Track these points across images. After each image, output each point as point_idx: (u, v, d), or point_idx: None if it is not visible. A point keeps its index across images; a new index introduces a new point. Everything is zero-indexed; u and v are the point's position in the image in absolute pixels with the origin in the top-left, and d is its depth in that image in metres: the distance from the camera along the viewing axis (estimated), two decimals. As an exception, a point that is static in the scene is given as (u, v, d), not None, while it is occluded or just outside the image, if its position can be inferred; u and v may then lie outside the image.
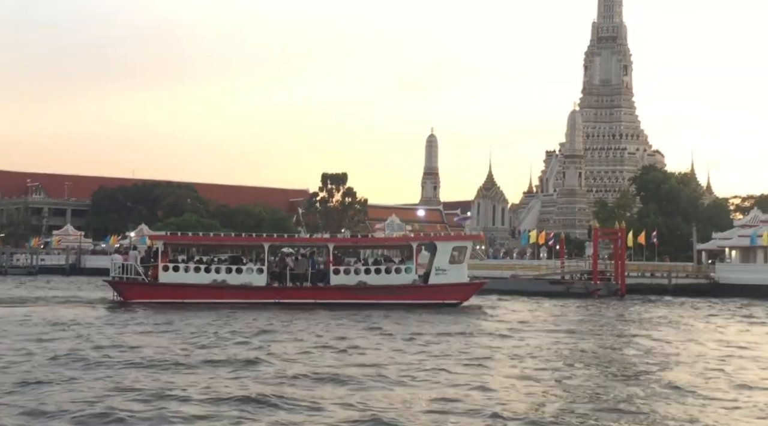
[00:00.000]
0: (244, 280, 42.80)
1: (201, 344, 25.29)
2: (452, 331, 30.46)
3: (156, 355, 22.33)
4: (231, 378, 18.89)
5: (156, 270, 42.80)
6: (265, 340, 26.49)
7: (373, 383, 18.39)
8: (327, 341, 26.46)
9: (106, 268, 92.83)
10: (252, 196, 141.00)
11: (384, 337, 28.47)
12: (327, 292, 42.91)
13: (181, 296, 41.48)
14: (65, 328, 29.44)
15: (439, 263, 43.68)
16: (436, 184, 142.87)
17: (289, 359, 22.14)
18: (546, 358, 23.32)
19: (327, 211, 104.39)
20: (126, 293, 42.54)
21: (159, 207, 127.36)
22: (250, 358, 21.90)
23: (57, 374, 19.07)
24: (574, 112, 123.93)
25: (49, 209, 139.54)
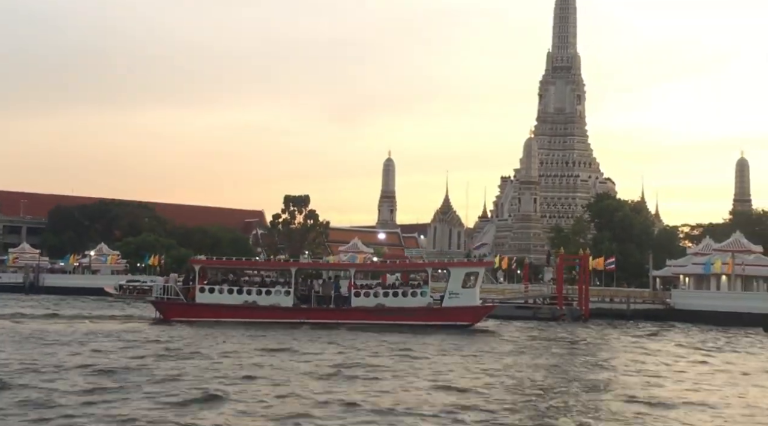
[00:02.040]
0: (273, 301, 46.49)
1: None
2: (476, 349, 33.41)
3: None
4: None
5: (193, 291, 46.51)
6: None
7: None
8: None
9: (66, 286, 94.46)
10: (207, 216, 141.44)
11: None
12: (348, 313, 46.06)
13: (215, 315, 44.83)
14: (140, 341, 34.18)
15: (452, 287, 46.77)
16: (393, 207, 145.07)
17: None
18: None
19: (289, 232, 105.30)
20: (167, 312, 46.51)
21: (116, 226, 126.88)
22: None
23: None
24: (530, 140, 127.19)
25: (4, 226, 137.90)
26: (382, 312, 45.89)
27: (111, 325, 43.37)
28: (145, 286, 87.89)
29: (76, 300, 77.13)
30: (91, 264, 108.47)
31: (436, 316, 45.99)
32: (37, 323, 43.12)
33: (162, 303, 47.25)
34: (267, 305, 46.26)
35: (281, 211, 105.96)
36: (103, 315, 51.99)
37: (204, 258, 55.11)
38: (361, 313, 45.80)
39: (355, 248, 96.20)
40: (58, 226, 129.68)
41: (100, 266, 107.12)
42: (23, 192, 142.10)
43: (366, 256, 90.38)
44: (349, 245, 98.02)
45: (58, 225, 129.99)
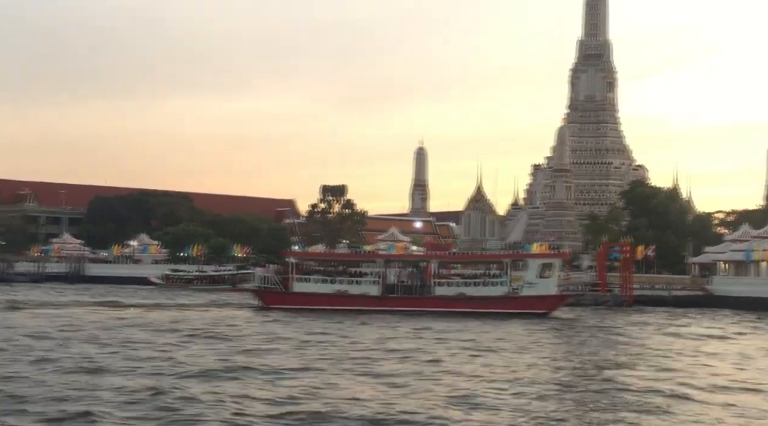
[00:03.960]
0: (362, 290, 50.41)
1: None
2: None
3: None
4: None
5: (289, 281, 50.77)
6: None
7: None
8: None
9: (109, 276, 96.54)
10: (240, 206, 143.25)
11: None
12: (431, 301, 49.08)
13: (310, 303, 48.76)
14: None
15: (529, 277, 49.66)
16: (425, 196, 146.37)
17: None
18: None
19: (326, 222, 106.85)
20: (266, 300, 51.07)
21: (153, 216, 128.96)
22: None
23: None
24: (562, 128, 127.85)
25: (46, 217, 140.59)
26: (462, 300, 48.86)
27: (227, 311, 48.33)
28: (189, 275, 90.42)
29: (138, 289, 79.22)
30: (134, 254, 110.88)
31: (514, 305, 48.55)
32: (159, 313, 46.35)
33: (262, 291, 52.17)
34: (357, 294, 50.03)
35: (318, 200, 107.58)
36: (200, 303, 56.31)
37: (298, 250, 59.20)
38: (444, 302, 48.77)
39: (392, 237, 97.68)
40: (98, 216, 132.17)
41: (142, 256, 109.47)
42: (63, 183, 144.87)
43: (404, 245, 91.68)
44: (387, 234, 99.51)
45: (97, 216, 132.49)
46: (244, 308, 51.02)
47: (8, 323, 37.12)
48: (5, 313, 43.61)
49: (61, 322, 38.38)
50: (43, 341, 29.90)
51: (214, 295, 66.71)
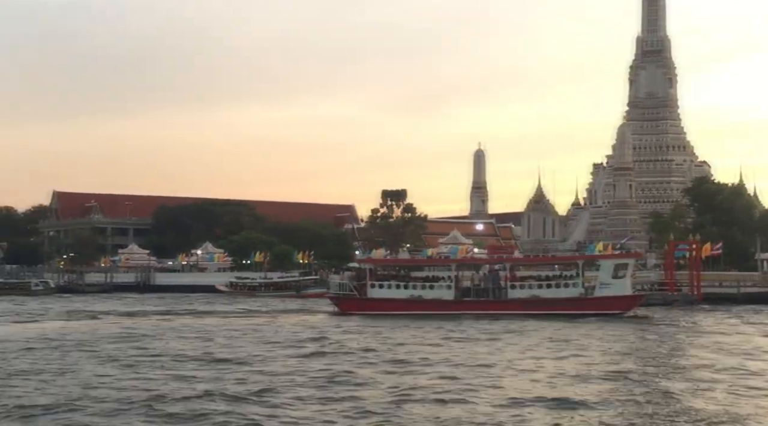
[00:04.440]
0: (436, 295, 50.70)
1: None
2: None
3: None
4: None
5: (365, 287, 51.68)
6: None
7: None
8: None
9: (176, 284, 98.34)
10: (300, 212, 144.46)
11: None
12: (505, 304, 49.29)
13: (385, 308, 49.32)
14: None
15: (603, 278, 49.68)
16: (485, 198, 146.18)
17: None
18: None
19: (387, 226, 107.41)
20: (343, 306, 52.03)
21: (217, 225, 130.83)
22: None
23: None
24: (623, 126, 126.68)
25: (112, 229, 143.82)
26: (537, 303, 48.90)
27: (309, 317, 50.13)
28: (254, 282, 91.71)
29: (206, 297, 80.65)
30: (199, 262, 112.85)
31: (589, 306, 48.39)
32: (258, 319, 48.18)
33: (339, 298, 53.10)
34: (431, 298, 50.32)
35: (379, 205, 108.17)
36: (286, 309, 58.45)
37: (373, 257, 60.07)
38: (518, 304, 48.88)
39: (455, 240, 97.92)
40: (162, 226, 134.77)
41: (207, 264, 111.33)
42: (128, 195, 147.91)
43: (467, 247, 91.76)
44: (449, 237, 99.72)
45: (162, 225, 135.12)
46: (321, 314, 52.12)
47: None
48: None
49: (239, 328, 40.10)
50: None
51: (294, 303, 67.89)
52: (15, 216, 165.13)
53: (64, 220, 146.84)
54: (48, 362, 26.47)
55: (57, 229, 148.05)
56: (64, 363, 26.28)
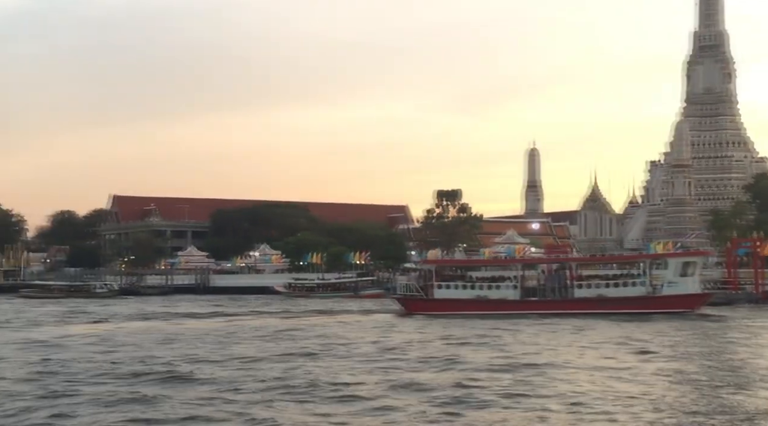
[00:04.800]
0: (501, 294, 51.04)
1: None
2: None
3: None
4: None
5: (431, 288, 52.11)
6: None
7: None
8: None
9: (234, 286, 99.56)
10: (354, 213, 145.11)
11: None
12: (571, 303, 49.34)
13: (450, 309, 49.73)
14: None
15: (669, 277, 49.54)
16: (539, 197, 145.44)
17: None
18: None
19: (442, 226, 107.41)
20: (409, 306, 52.55)
21: (273, 227, 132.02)
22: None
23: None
24: (680, 122, 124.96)
25: (171, 231, 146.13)
26: (603, 301, 48.84)
27: (377, 316, 51.13)
28: (311, 283, 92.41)
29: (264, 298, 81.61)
30: (256, 264, 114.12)
31: (655, 305, 48.30)
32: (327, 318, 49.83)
33: (405, 299, 53.73)
34: (496, 298, 50.57)
35: (434, 205, 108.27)
36: (350, 309, 59.54)
37: (438, 258, 60.41)
38: (583, 304, 48.86)
39: (510, 240, 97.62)
40: (219, 229, 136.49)
41: (264, 266, 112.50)
42: (185, 198, 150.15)
43: (523, 247, 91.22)
44: (505, 237, 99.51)
45: (219, 228, 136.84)
46: (390, 314, 52.75)
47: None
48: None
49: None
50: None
51: (354, 303, 68.42)
52: (75, 220, 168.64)
53: (124, 224, 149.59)
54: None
55: (117, 232, 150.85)
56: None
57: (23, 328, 44.38)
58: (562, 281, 51.23)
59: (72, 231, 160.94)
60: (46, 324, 47.46)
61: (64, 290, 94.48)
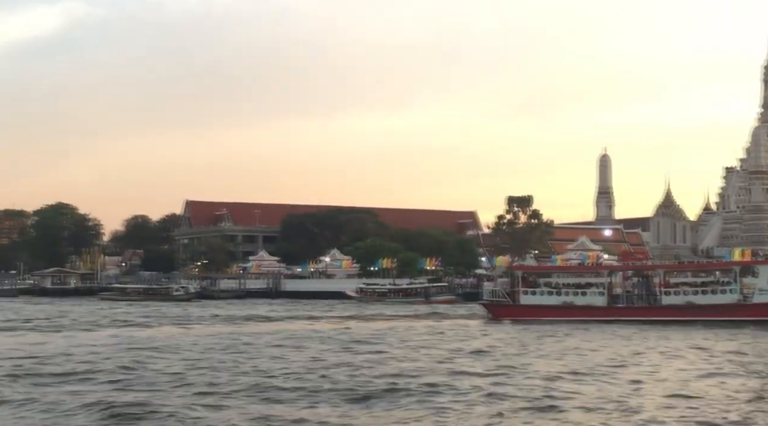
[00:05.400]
0: (588, 301, 50.84)
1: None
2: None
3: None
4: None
5: (517, 294, 52.37)
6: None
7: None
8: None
9: (305, 290, 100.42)
10: (422, 219, 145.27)
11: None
12: (659, 310, 49.06)
13: (537, 315, 49.81)
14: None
15: (762, 284, 48.68)
16: (611, 203, 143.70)
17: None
18: None
19: (513, 233, 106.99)
20: (495, 312, 52.87)
21: (343, 232, 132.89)
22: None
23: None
24: (758, 128, 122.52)
25: (242, 236, 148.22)
26: (691, 309, 48.26)
27: (466, 321, 51.79)
28: (383, 288, 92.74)
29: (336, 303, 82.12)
30: (327, 269, 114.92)
31: (746, 313, 47.48)
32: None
33: (492, 305, 54.10)
34: (582, 305, 50.41)
35: (504, 211, 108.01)
36: (434, 313, 60.19)
37: (524, 264, 60.66)
38: (672, 311, 48.46)
39: (583, 246, 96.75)
40: (290, 233, 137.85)
41: (335, 271, 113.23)
42: (256, 203, 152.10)
43: (596, 254, 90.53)
44: (577, 243, 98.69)
45: (289, 233, 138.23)
46: (477, 319, 53.20)
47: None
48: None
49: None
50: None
51: (426, 309, 68.58)
52: (149, 225, 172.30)
53: (197, 228, 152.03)
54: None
55: (190, 236, 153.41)
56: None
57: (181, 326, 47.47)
58: (649, 288, 50.85)
59: (146, 235, 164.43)
60: (162, 325, 49.29)
61: (141, 293, 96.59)
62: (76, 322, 52.12)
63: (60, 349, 33.30)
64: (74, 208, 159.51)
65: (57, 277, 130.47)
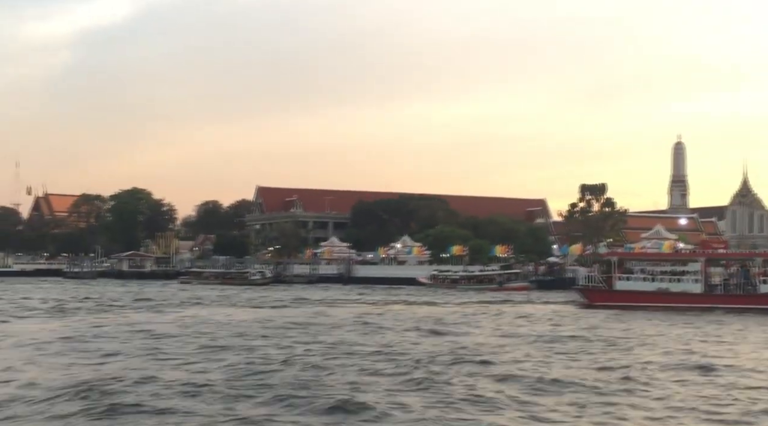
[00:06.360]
0: (683, 288, 51.09)
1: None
2: None
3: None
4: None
5: (612, 280, 52.71)
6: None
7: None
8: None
9: (377, 277, 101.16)
10: (492, 207, 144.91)
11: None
12: (757, 299, 48.78)
13: (631, 301, 50.10)
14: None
15: None
16: (685, 192, 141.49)
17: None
18: None
19: (586, 221, 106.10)
20: (590, 298, 53.03)
21: (413, 219, 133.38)
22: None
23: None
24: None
25: (313, 222, 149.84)
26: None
27: (555, 307, 51.80)
28: (455, 275, 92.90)
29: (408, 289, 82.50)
30: (397, 255, 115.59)
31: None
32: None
33: (587, 290, 54.25)
34: (678, 292, 50.57)
35: (578, 199, 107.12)
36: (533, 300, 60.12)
37: (620, 251, 62.04)
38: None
39: (658, 235, 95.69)
40: (360, 220, 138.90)
41: (406, 257, 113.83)
42: (327, 190, 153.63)
43: (672, 243, 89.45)
44: (652, 232, 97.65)
45: (360, 219, 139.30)
46: (569, 305, 53.44)
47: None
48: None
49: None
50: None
51: (501, 296, 68.72)
52: (220, 210, 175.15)
53: (268, 214, 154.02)
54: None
55: (261, 222, 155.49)
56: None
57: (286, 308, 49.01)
58: (747, 277, 50.48)
59: (217, 221, 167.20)
60: (285, 307, 50.91)
61: (219, 277, 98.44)
62: (204, 301, 56.38)
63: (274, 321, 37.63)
64: (149, 193, 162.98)
65: (133, 260, 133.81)
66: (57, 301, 54.99)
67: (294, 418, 15.61)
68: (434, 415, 15.87)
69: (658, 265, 55.80)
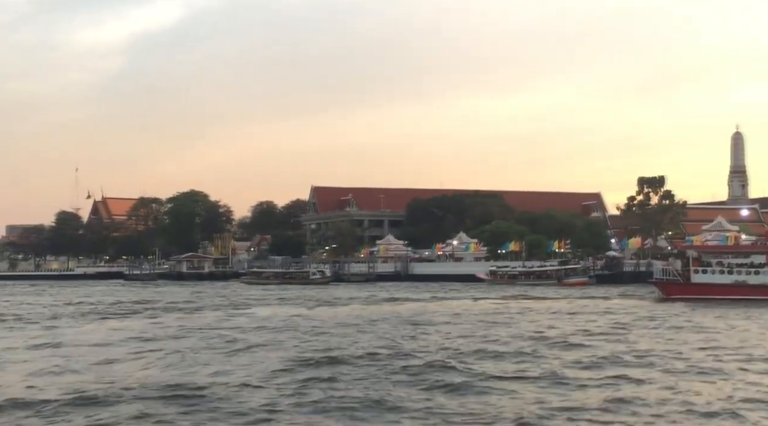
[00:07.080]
0: (761, 280, 51.42)
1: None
2: None
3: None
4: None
5: (689, 273, 53.57)
6: None
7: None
8: None
9: (433, 273, 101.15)
10: (547, 202, 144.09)
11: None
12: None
13: (708, 293, 50.48)
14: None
15: None
16: (744, 183, 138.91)
17: None
18: None
19: (645, 214, 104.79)
20: (667, 291, 53.66)
21: (467, 215, 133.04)
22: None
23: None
24: None
25: (368, 221, 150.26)
26: None
27: (631, 301, 51.72)
28: (514, 271, 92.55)
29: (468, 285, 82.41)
30: (454, 252, 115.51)
31: None
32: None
33: (663, 283, 54.85)
34: (756, 284, 50.96)
35: (636, 192, 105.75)
36: (593, 295, 59.94)
37: (697, 244, 63.20)
38: None
39: (719, 227, 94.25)
40: (415, 218, 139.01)
41: (463, 254, 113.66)
42: (381, 188, 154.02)
43: (735, 235, 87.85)
44: (714, 224, 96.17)
45: (415, 217, 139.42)
46: (646, 299, 53.38)
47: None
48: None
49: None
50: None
51: (563, 291, 68.34)
52: (275, 210, 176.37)
53: (323, 214, 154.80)
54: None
55: (317, 221, 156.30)
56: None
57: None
58: None
59: (272, 221, 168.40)
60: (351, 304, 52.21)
61: (279, 277, 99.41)
62: (283, 301, 57.76)
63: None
64: (206, 195, 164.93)
65: (191, 262, 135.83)
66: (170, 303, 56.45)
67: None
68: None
69: (735, 258, 55.85)
